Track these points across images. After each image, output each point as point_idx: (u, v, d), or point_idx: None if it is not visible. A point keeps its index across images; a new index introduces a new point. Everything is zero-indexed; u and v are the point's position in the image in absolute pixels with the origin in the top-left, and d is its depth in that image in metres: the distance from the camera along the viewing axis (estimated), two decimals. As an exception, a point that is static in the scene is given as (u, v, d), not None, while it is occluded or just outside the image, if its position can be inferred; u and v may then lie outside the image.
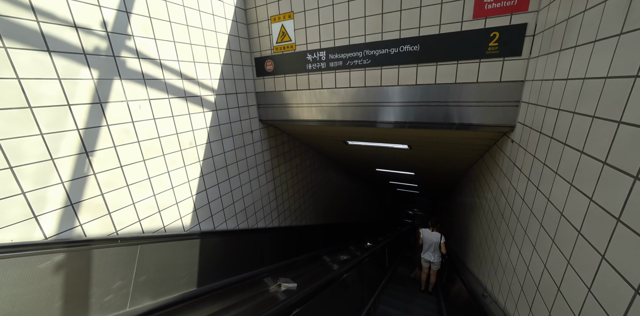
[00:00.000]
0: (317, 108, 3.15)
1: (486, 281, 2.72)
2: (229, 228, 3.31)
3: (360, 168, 7.14)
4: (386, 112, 2.78)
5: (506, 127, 2.33)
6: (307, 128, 3.75)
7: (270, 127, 3.91)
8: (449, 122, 2.53)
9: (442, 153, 3.96)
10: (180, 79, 2.53)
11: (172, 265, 2.39)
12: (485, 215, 3.05)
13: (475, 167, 4.09)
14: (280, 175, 4.30)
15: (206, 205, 2.95)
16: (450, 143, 3.35)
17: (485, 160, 3.41)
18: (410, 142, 3.64)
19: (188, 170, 2.69)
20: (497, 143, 2.86)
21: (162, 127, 2.38)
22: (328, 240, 6.07)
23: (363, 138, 3.84)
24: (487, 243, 2.85)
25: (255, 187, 3.73)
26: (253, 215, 3.75)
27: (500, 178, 2.59)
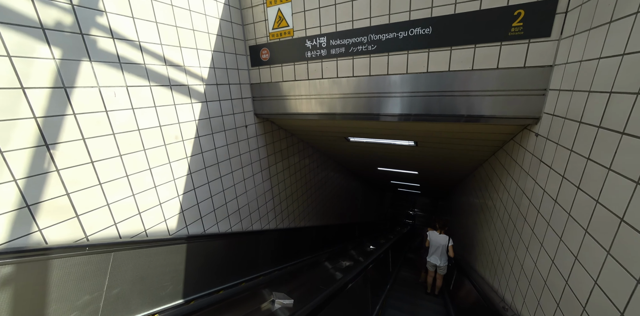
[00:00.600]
0: (317, 101, 2.88)
1: (504, 290, 2.46)
2: (221, 231, 3.05)
3: (361, 168, 6.88)
4: (393, 104, 2.52)
5: (529, 118, 2.07)
6: (306, 123, 3.48)
7: (267, 122, 3.64)
8: (462, 114, 2.27)
9: (450, 151, 3.70)
10: (164, 65, 2.26)
11: (153, 274, 2.12)
12: (500, 218, 2.79)
13: (485, 165, 3.83)
14: (277, 174, 4.03)
15: (195, 206, 2.68)
16: (461, 139, 3.09)
17: (498, 157, 3.16)
18: (417, 138, 3.38)
19: (174, 167, 2.42)
20: (514, 139, 2.61)
21: (142, 118, 2.11)
22: (328, 241, 5.81)
23: (366, 134, 3.58)
24: (503, 248, 2.59)
25: (250, 186, 3.46)
26: (248, 217, 3.48)
27: (520, 178, 2.33)
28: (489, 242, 3.15)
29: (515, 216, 2.35)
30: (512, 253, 2.35)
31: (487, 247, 3.24)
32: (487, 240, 3.24)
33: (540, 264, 1.77)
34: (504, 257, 2.57)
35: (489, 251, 3.10)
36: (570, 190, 1.47)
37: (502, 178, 2.91)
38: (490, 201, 3.32)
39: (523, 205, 2.18)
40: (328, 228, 5.97)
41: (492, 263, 2.95)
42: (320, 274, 3.42)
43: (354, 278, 2.83)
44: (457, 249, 5.23)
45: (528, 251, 2.00)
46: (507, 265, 2.43)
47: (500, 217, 2.81)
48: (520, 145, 2.41)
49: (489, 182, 3.48)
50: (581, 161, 1.40)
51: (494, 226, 3.04)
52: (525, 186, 2.19)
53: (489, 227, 3.23)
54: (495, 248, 2.85)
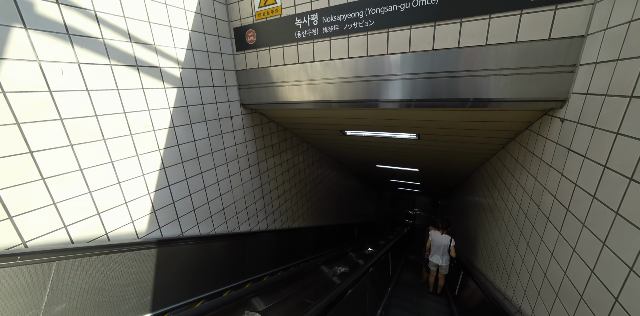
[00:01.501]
0: (308, 87, 2.57)
1: (520, 300, 2.16)
2: (202, 233, 2.73)
3: (359, 165, 6.57)
4: (393, 88, 2.21)
5: (553, 101, 1.77)
6: (298, 113, 3.18)
7: (255, 114, 3.33)
8: (473, 98, 1.96)
9: (454, 145, 3.40)
10: (129, 42, 1.94)
11: (114, 284, 1.81)
12: (514, 218, 2.49)
13: (493, 160, 3.53)
14: (268, 171, 3.72)
15: (170, 205, 2.37)
16: (468, 130, 2.79)
17: (509, 151, 2.86)
18: (419, 130, 3.07)
19: (143, 161, 2.11)
20: (530, 128, 2.30)
21: (101, 102, 1.80)
22: (325, 243, 5.50)
23: (363, 126, 3.27)
24: (518, 252, 2.29)
25: (236, 183, 3.15)
26: (234, 217, 3.17)
27: (539, 172, 2.02)
28: (499, 245, 2.85)
29: (534, 216, 2.05)
30: (530, 257, 2.04)
31: (496, 250, 2.94)
32: (497, 242, 2.94)
33: (573, 273, 1.47)
34: (519, 262, 2.27)
35: (500, 254, 2.79)
36: (618, 183, 1.17)
37: (514, 173, 2.61)
38: (500, 200, 3.02)
39: (545, 203, 1.88)
40: (325, 229, 5.66)
41: (503, 267, 2.65)
42: (313, 282, 3.11)
43: (349, 288, 2.53)
44: (460, 250, 4.94)
45: (553, 257, 1.69)
46: (524, 271, 2.13)
47: (513, 218, 2.51)
48: (538, 135, 2.11)
49: (498, 178, 3.18)
50: (635, 145, 1.10)
51: (505, 227, 2.74)
52: (547, 181, 1.88)
53: (499, 228, 2.92)
54: (508, 251, 2.55)
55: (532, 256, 2.02)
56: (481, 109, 2.15)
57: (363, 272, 2.89)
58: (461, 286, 3.79)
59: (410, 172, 6.09)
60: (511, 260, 2.46)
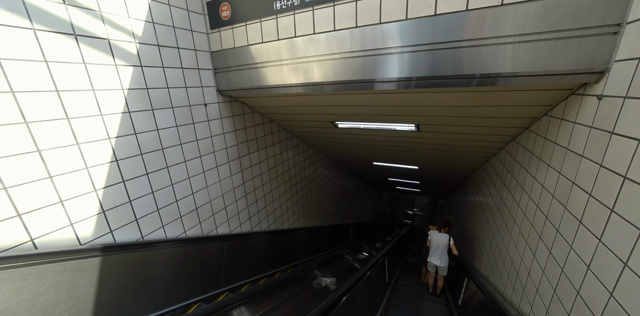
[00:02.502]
0: (290, 68, 2.21)
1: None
2: (170, 236, 2.37)
3: (355, 163, 6.20)
4: (389, 65, 1.84)
5: (586, 74, 1.40)
6: (280, 101, 2.81)
7: (236, 103, 2.96)
8: (481, 73, 1.60)
9: (458, 138, 3.03)
10: (62, 4, 1.57)
11: (33, 305, 1.43)
12: (530, 221, 2.12)
13: (501, 155, 3.16)
14: (252, 167, 3.35)
15: (125, 205, 2.00)
16: (475, 118, 2.42)
17: (521, 142, 2.49)
18: (419, 120, 2.70)
19: (86, 151, 1.74)
20: (550, 113, 1.94)
21: (18, 75, 1.43)
22: (317, 246, 5.13)
23: (357, 115, 2.90)
24: (536, 260, 1.92)
25: (213, 180, 2.78)
26: (210, 218, 2.80)
27: (565, 164, 1.66)
28: (509, 249, 2.48)
29: (557, 218, 1.68)
30: (554, 269, 1.67)
31: (506, 256, 2.57)
32: (507, 246, 2.57)
33: (625, 297, 1.10)
34: (537, 273, 1.89)
35: (511, 262, 2.42)
36: None
37: (529, 168, 2.24)
38: (510, 200, 2.65)
39: (575, 202, 1.51)
40: (318, 231, 5.29)
41: (517, 278, 2.27)
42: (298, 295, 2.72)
43: (336, 304, 2.16)
44: (463, 254, 4.58)
45: (591, 271, 1.32)
46: (546, 286, 1.76)
47: (529, 220, 2.14)
48: (562, 120, 1.74)
49: (508, 175, 2.81)
50: None
51: (517, 230, 2.37)
52: (577, 174, 1.51)
53: (510, 231, 2.55)
54: (523, 260, 2.18)
55: (555, 266, 1.65)
56: (491, 89, 1.79)
57: (353, 284, 2.52)
58: (465, 294, 3.41)
59: (409, 169, 5.72)
60: (526, 268, 2.09)
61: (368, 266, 3.11)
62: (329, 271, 3.49)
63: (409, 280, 4.93)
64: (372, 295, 3.25)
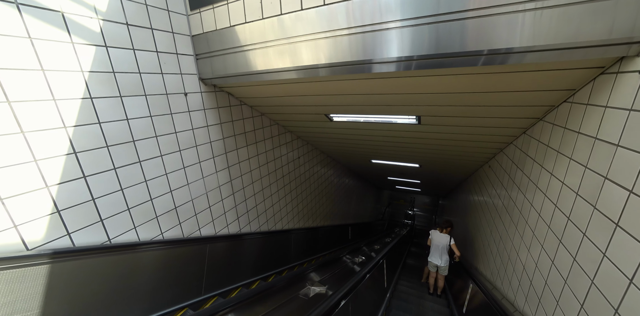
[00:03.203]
0: (276, 49, 1.95)
1: (562, 336, 1.53)
2: (143, 238, 2.12)
3: (352, 160, 5.95)
4: (386, 43, 1.59)
5: (624, 44, 1.15)
6: (268, 90, 2.55)
7: (221, 93, 2.71)
8: (493, 48, 1.34)
9: (463, 131, 2.78)
10: (0, -34, 1.32)
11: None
12: (546, 222, 1.86)
13: (509, 150, 2.91)
14: (240, 163, 3.10)
15: (87, 203, 1.75)
16: (481, 108, 2.16)
17: (534, 135, 2.23)
18: (420, 111, 2.45)
19: (32, 141, 1.49)
20: (572, 98, 1.68)
21: (-60, 46, 1.18)
22: (313, 247, 4.87)
23: (353, 106, 2.64)
24: (556, 267, 1.66)
25: (195, 176, 2.53)
26: (192, 219, 2.55)
27: (594, 157, 1.40)
28: (521, 254, 2.22)
29: (584, 219, 1.42)
30: (581, 279, 1.42)
31: (517, 262, 2.31)
32: (517, 252, 2.32)
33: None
34: (557, 282, 1.64)
35: (523, 269, 2.17)
36: None
37: (545, 163, 1.99)
38: (521, 200, 2.39)
39: (608, 200, 1.25)
40: (314, 232, 5.03)
41: (530, 287, 2.02)
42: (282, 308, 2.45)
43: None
44: (467, 257, 4.33)
45: (634, 285, 1.07)
46: (571, 300, 1.50)
47: (545, 221, 1.88)
48: (590, 105, 1.48)
49: (518, 172, 2.56)
50: None
51: (530, 233, 2.11)
52: (610, 168, 1.25)
53: (521, 234, 2.30)
54: (538, 267, 1.92)
55: (582, 277, 1.39)
56: (501, 70, 1.53)
57: (346, 293, 2.26)
58: (470, 301, 3.15)
59: (410, 168, 5.46)
60: (543, 276, 1.83)
61: (364, 272, 2.86)
62: (322, 278, 3.23)
63: (409, 284, 4.67)
64: (369, 302, 3.00)
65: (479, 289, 2.88)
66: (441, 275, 4.10)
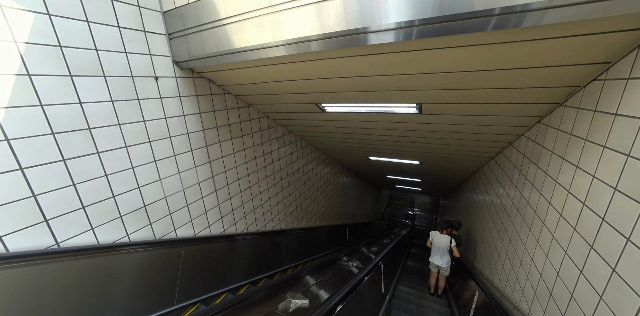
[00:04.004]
0: (259, 20, 1.66)
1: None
2: (103, 241, 1.83)
3: (348, 157, 5.65)
4: (380, 7, 1.30)
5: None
6: (252, 74, 2.26)
7: (201, 80, 2.43)
8: (509, 5, 1.05)
9: (468, 120, 2.48)
10: None
11: None
12: (570, 223, 1.57)
13: (519, 143, 2.61)
14: (224, 158, 2.81)
15: (27, 200, 1.47)
16: (490, 91, 1.86)
17: (552, 123, 1.93)
18: (421, 96, 2.15)
19: (-54, 123, 1.20)
20: (605, 74, 1.38)
21: None
22: (307, 249, 4.58)
23: (344, 93, 2.34)
24: (585, 277, 1.36)
25: (168, 171, 2.25)
26: (165, 218, 2.26)
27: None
28: (538, 262, 1.93)
29: (627, 221, 1.12)
30: (625, 297, 1.12)
31: (532, 269, 2.01)
32: (532, 258, 2.02)
33: None
34: (589, 298, 1.34)
35: (540, 277, 1.87)
36: None
37: (568, 155, 1.69)
38: (535, 198, 2.09)
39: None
40: (308, 232, 4.74)
41: (550, 299, 1.72)
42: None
43: None
44: (472, 260, 4.03)
45: None
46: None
47: (570, 224, 1.58)
48: (633, 79, 1.19)
49: (531, 166, 2.26)
50: None
51: (549, 237, 1.81)
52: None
53: (537, 237, 2.00)
54: (561, 276, 1.62)
55: (627, 293, 1.10)
56: (517, 37, 1.24)
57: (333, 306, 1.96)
58: (477, 311, 2.85)
59: (410, 165, 5.16)
60: (568, 289, 1.53)
61: (357, 280, 2.56)
62: (313, 283, 2.94)
63: (409, 289, 4.37)
64: (363, 312, 2.70)
65: (485, 295, 2.59)
66: (442, 276, 4.07)
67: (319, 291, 3.08)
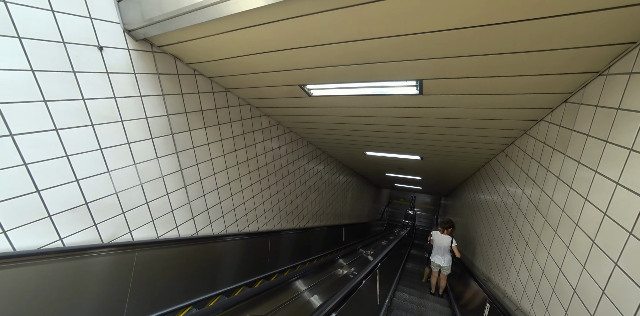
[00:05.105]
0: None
1: None
2: (19, 248, 1.43)
3: (344, 152, 5.25)
4: None
5: None
6: (217, 45, 1.85)
7: (163, 56, 2.03)
8: None
9: (477, 102, 2.07)
10: None
11: None
12: (625, 224, 1.15)
13: (537, 131, 2.20)
14: (195, 148, 2.41)
15: None
16: (515, 59, 1.45)
17: (588, 100, 1.53)
18: (423, 69, 1.74)
19: None
20: (620, 59, 0.97)
21: None
22: (296, 253, 4.16)
23: (331, 68, 1.94)
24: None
25: (119, 162, 1.85)
26: (116, 218, 1.87)
27: None
28: (568, 272, 1.51)
29: None
30: None
31: (563, 282, 1.60)
32: (561, 268, 1.60)
33: None
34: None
35: (573, 292, 1.45)
36: None
37: (618, 139, 1.28)
38: (562, 195, 1.68)
39: None
40: (300, 233, 4.33)
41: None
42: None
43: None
44: (481, 268, 3.61)
45: None
46: None
47: (630, 232, 1.17)
48: None
49: (556, 154, 1.85)
50: None
51: (587, 242, 1.40)
52: None
53: (567, 242, 1.59)
54: (607, 294, 1.21)
55: None
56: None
57: None
58: None
59: (410, 161, 4.75)
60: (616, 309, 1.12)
61: (345, 292, 2.15)
62: (295, 295, 2.53)
63: (409, 295, 3.96)
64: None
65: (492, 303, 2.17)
66: (443, 275, 4.06)
67: (306, 300, 2.68)
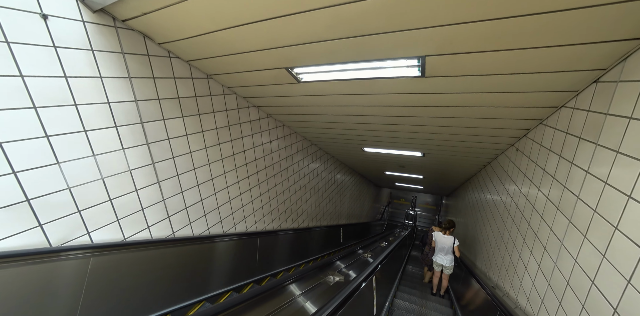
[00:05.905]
0: None
1: None
2: None
3: (340, 149, 4.96)
4: None
5: None
6: (187, 15, 1.57)
7: (130, 33, 1.77)
8: None
9: (489, 81, 1.79)
10: None
11: None
12: None
13: (556, 120, 1.91)
14: (171, 140, 2.14)
15: None
16: (541, 25, 1.17)
17: (627, 75, 1.24)
18: (425, 39, 1.46)
19: None
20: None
21: None
22: (289, 255, 3.89)
23: (315, 43, 1.66)
24: None
25: (73, 153, 1.58)
26: (70, 217, 1.60)
27: None
28: (603, 285, 1.23)
29: None
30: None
31: (597, 300, 1.31)
32: (593, 280, 1.32)
33: None
34: None
35: (615, 312, 1.17)
36: None
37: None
38: (598, 190, 1.39)
39: None
40: (293, 234, 4.05)
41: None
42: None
43: None
44: (489, 274, 3.31)
45: None
46: None
47: None
48: None
49: (583, 142, 1.56)
50: None
51: (631, 248, 1.11)
52: None
53: (598, 247, 1.30)
54: None
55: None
56: None
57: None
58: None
59: (411, 158, 4.46)
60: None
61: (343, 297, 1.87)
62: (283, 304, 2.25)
63: (409, 296, 3.66)
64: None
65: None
66: (446, 275, 4.03)
67: (300, 306, 2.40)
